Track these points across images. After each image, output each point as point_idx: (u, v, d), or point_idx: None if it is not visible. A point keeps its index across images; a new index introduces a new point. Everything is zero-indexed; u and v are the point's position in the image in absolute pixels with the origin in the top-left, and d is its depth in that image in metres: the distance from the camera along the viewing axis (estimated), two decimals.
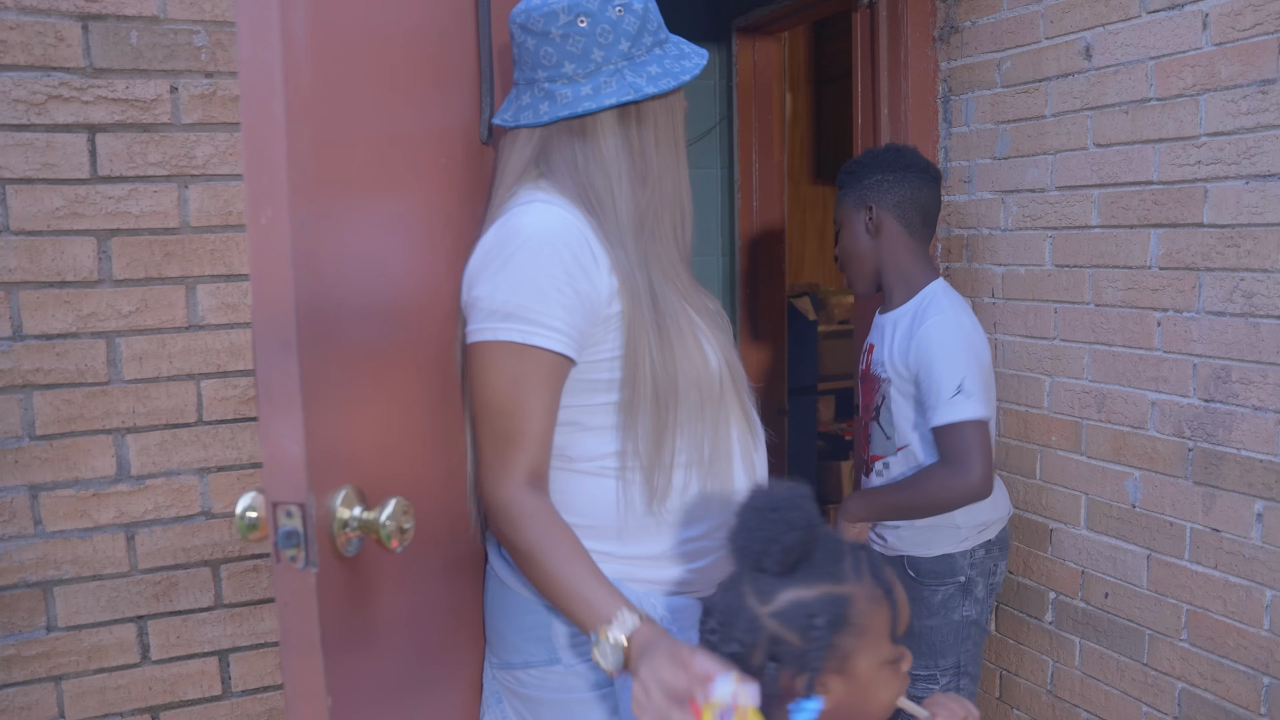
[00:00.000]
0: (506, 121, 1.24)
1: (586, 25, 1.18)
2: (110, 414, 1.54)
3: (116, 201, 1.52)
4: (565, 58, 1.19)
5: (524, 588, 1.23)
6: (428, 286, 1.21)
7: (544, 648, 1.23)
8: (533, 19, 1.19)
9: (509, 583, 1.25)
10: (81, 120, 1.49)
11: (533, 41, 1.20)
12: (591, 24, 1.18)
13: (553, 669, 1.23)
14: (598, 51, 1.19)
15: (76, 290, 1.51)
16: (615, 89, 1.19)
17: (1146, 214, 1.79)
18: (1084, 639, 1.98)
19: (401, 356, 1.13)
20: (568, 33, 1.18)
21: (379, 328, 1.09)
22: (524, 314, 1.14)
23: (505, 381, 1.15)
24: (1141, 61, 1.77)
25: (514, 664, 1.25)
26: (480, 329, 1.16)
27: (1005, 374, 2.12)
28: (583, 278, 1.16)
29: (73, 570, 1.54)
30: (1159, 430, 1.79)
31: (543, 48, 1.19)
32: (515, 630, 1.24)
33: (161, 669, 1.61)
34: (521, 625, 1.24)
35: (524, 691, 1.26)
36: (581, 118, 1.20)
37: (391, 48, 1.13)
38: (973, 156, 2.17)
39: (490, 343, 1.15)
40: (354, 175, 1.06)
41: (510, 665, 1.26)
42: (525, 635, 1.23)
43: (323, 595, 0.93)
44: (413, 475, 1.15)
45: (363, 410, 1.04)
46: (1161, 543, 1.80)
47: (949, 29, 2.20)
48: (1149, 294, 1.80)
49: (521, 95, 1.23)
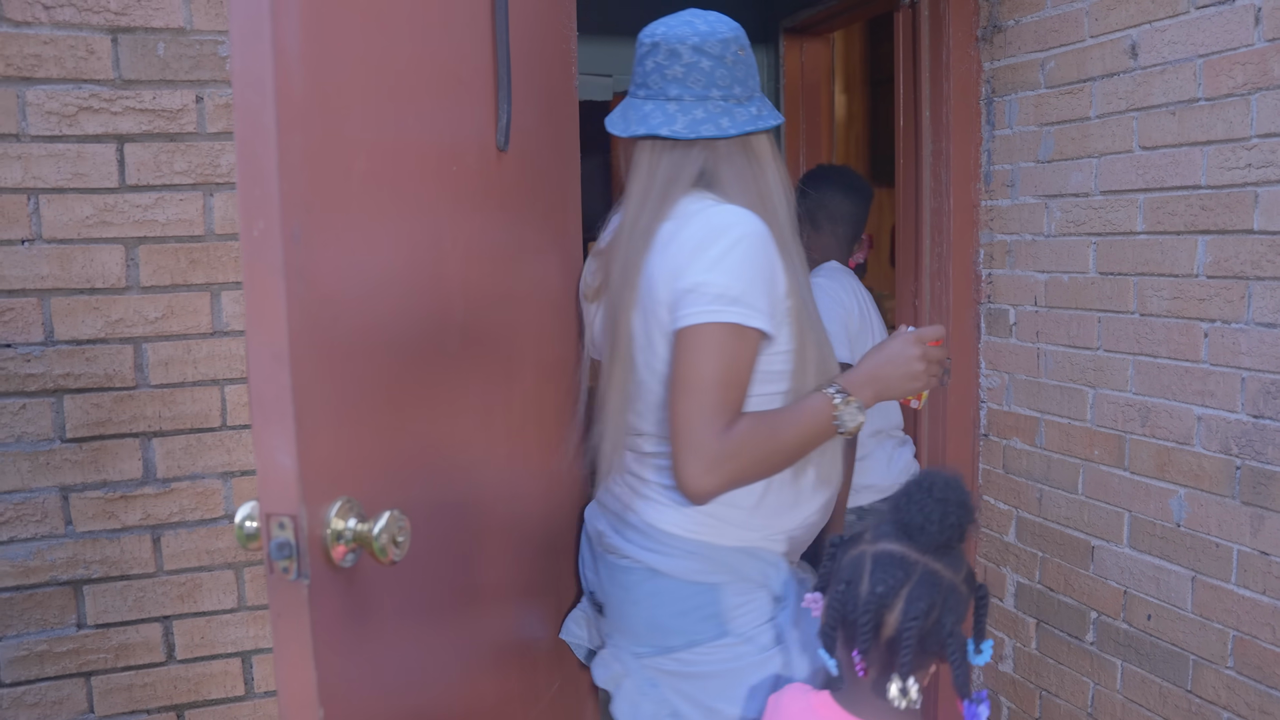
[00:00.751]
0: (680, 133, 1.35)
1: (745, 55, 1.38)
2: (137, 418, 1.58)
3: (144, 210, 1.55)
4: (735, 81, 1.37)
5: (689, 572, 1.35)
6: (435, 297, 1.20)
7: (713, 624, 1.35)
8: (709, 43, 1.35)
9: (669, 572, 1.35)
10: (111, 131, 1.53)
11: (708, 63, 1.35)
12: (748, 55, 1.39)
13: (722, 641, 1.35)
14: (752, 80, 1.40)
15: (105, 297, 1.55)
16: (770, 113, 1.40)
17: (1194, 220, 1.71)
18: (1126, 661, 1.90)
19: (406, 368, 1.13)
20: (738, 60, 1.37)
21: (380, 340, 1.08)
22: (744, 299, 1.27)
23: (728, 358, 1.27)
24: (1189, 60, 1.69)
25: (675, 647, 1.36)
26: (702, 311, 1.27)
27: (1047, 385, 2.05)
28: (775, 274, 1.32)
29: (101, 570, 1.59)
30: (1205, 447, 1.71)
31: (718, 70, 1.36)
32: (678, 615, 1.35)
33: (186, 668, 1.64)
34: (685, 609, 1.35)
35: (689, 670, 1.36)
36: (748, 135, 1.37)
37: (396, 55, 1.13)
38: (1016, 160, 2.10)
39: (714, 324, 1.26)
40: (353, 185, 1.05)
41: (671, 649, 1.36)
42: (690, 617, 1.35)
43: (315, 607, 0.93)
44: (418, 488, 1.14)
45: (362, 422, 1.03)
46: (1207, 564, 1.71)
47: (992, 28, 2.14)
48: (1196, 304, 1.71)
49: (692, 110, 1.36)
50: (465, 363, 1.28)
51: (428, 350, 1.19)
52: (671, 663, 1.37)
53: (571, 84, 1.75)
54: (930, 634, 1.10)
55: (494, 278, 1.37)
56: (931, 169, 2.22)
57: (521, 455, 1.47)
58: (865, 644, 1.11)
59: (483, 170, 1.36)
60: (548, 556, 1.57)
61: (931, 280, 2.25)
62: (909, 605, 1.10)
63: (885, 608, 1.11)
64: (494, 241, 1.38)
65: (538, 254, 1.54)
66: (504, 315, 1.41)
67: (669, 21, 1.39)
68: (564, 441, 1.63)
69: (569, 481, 1.68)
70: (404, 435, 1.13)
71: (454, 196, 1.27)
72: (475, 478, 1.33)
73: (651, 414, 1.37)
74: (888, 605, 1.11)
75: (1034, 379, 2.09)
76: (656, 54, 1.38)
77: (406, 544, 1.02)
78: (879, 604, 1.11)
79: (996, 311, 2.18)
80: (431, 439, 1.20)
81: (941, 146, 2.19)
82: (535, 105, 1.53)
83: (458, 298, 1.26)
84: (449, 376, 1.24)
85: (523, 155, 1.48)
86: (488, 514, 1.37)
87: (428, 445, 1.19)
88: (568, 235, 1.70)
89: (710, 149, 1.36)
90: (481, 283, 1.33)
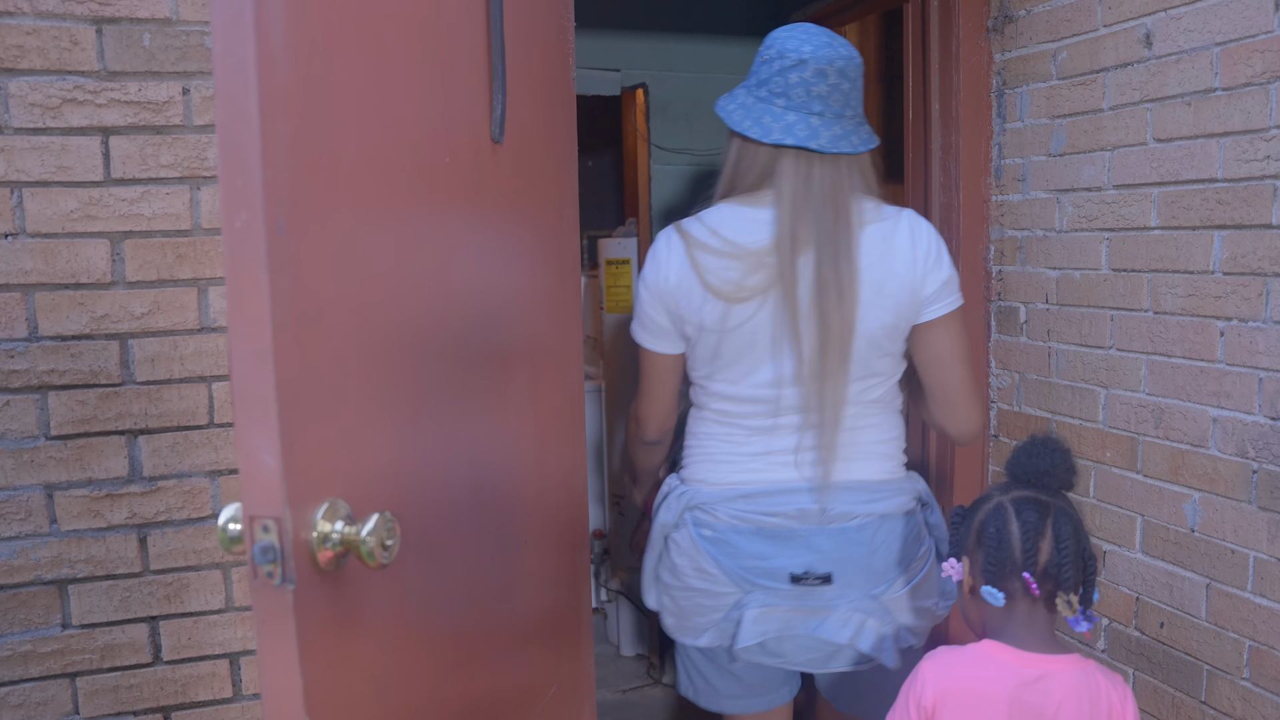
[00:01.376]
0: (826, 147, 1.52)
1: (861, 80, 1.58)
2: (123, 415, 1.55)
3: (129, 204, 1.52)
4: (860, 102, 1.58)
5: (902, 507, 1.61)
6: (425, 293, 1.17)
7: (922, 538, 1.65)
8: (852, 67, 1.54)
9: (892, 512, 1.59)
10: (95, 123, 1.49)
11: (847, 85, 1.54)
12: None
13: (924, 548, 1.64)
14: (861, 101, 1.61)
15: (90, 292, 1.52)
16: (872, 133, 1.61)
17: (1209, 214, 1.65)
18: (1138, 670, 1.85)
19: (395, 366, 1.09)
20: (859, 83, 1.57)
21: (369, 337, 1.05)
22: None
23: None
24: (1206, 48, 1.63)
25: (907, 570, 1.61)
26: (957, 299, 1.58)
27: (1058, 384, 2.00)
28: None
29: (86, 569, 1.56)
30: (1220, 449, 1.65)
31: (853, 93, 1.56)
32: (907, 542, 1.61)
33: (173, 669, 1.61)
34: (909, 536, 1.61)
35: (914, 583, 1.62)
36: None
37: (386, 42, 1.09)
38: (1027, 153, 2.05)
39: (962, 307, 1.59)
40: (341, 176, 1.02)
41: (904, 573, 1.61)
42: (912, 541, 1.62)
43: (301, 613, 0.90)
44: (408, 489, 1.11)
45: (350, 421, 1.00)
46: (1222, 571, 1.66)
47: (1003, 18, 2.08)
48: (1211, 301, 1.66)
49: (832, 126, 1.53)
50: (457, 360, 1.25)
51: (418, 348, 1.15)
52: (902, 584, 1.61)
53: (569, 76, 1.71)
54: (1077, 555, 1.31)
55: (488, 274, 1.34)
56: (941, 163, 2.17)
57: (517, 454, 1.43)
58: (1031, 568, 1.29)
59: (476, 163, 1.32)
60: (544, 556, 1.54)
61: None
62: (1058, 531, 1.30)
63: (1040, 536, 1.30)
64: (488, 236, 1.35)
65: (534, 250, 1.51)
66: (498, 313, 1.37)
67: (808, 40, 1.53)
68: (562, 441, 1.60)
69: (567, 481, 1.64)
70: (394, 435, 1.10)
71: (446, 189, 1.24)
72: (468, 478, 1.29)
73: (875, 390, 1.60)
74: (1042, 534, 1.30)
75: (1045, 379, 2.04)
76: (803, 70, 1.51)
77: (396, 547, 0.99)
78: (1035, 534, 1.30)
79: (1007, 309, 2.13)
80: (422, 438, 1.17)
81: (951, 140, 2.14)
82: (531, 97, 1.50)
83: (449, 293, 1.22)
84: (440, 374, 1.20)
85: (518, 148, 1.44)
86: (482, 514, 1.33)
87: (419, 445, 1.16)
88: (565, 231, 1.66)
89: (855, 162, 1.56)
90: (474, 279, 1.30)
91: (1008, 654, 1.31)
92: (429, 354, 1.18)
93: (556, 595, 1.61)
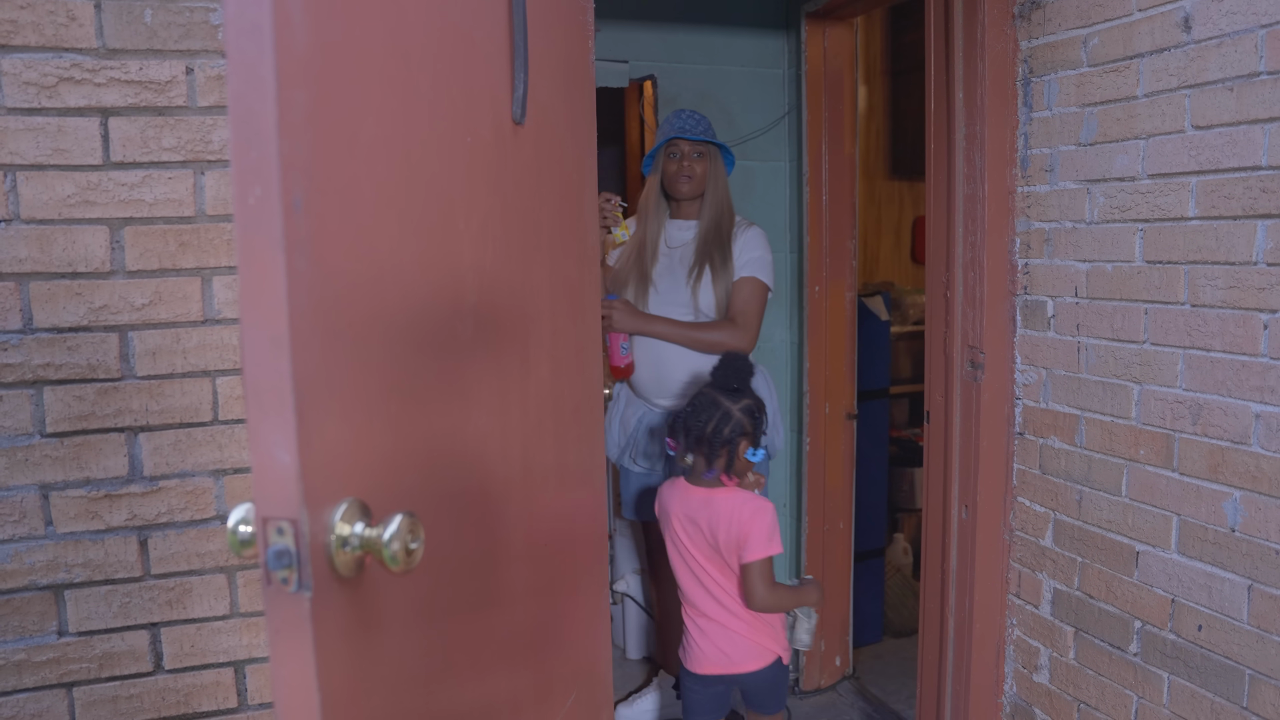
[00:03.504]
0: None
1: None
2: (123, 411, 1.47)
3: (130, 189, 1.45)
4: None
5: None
6: (447, 279, 1.10)
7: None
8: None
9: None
10: (94, 103, 1.42)
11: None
12: None
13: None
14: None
15: (88, 281, 1.45)
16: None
17: (1253, 203, 1.59)
18: (1174, 674, 1.78)
19: (417, 356, 1.03)
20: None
21: (389, 324, 0.98)
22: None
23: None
24: (1250, 31, 1.57)
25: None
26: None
27: (1088, 380, 1.94)
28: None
29: (84, 574, 1.48)
30: (1264, 446, 1.59)
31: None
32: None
33: (175, 679, 1.54)
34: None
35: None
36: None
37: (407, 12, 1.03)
38: (1055, 143, 1.99)
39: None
40: (360, 151, 0.95)
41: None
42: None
43: (319, 622, 0.83)
44: (431, 487, 1.04)
45: (371, 415, 0.93)
46: (1265, 572, 1.60)
47: (1030, 4, 2.02)
48: (1254, 293, 1.60)
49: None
50: (479, 351, 1.18)
51: (440, 336, 1.08)
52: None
53: (588, 57, 1.65)
54: (717, 433, 2.10)
55: (508, 260, 1.27)
56: (965, 154, 2.11)
57: (538, 449, 1.37)
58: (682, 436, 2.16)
59: (498, 144, 1.26)
60: (566, 558, 1.47)
61: (964, 271, 2.14)
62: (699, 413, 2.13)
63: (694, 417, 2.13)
64: (509, 221, 1.28)
65: (554, 237, 1.44)
66: (519, 301, 1.31)
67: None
68: (581, 438, 1.54)
69: (586, 480, 1.58)
70: (415, 429, 1.03)
71: (467, 170, 1.17)
72: (490, 474, 1.23)
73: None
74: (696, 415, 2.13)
75: (1074, 374, 1.97)
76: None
77: (420, 551, 0.92)
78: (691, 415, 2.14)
79: (1034, 303, 2.07)
80: (443, 433, 1.10)
81: (975, 130, 2.08)
82: (551, 77, 1.43)
83: (471, 280, 1.16)
84: (461, 365, 1.14)
85: (539, 130, 1.38)
86: (504, 513, 1.27)
87: (440, 440, 1.09)
88: (585, 217, 1.60)
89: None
90: (495, 265, 1.23)
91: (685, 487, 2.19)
92: (450, 344, 1.11)
93: (575, 599, 1.54)
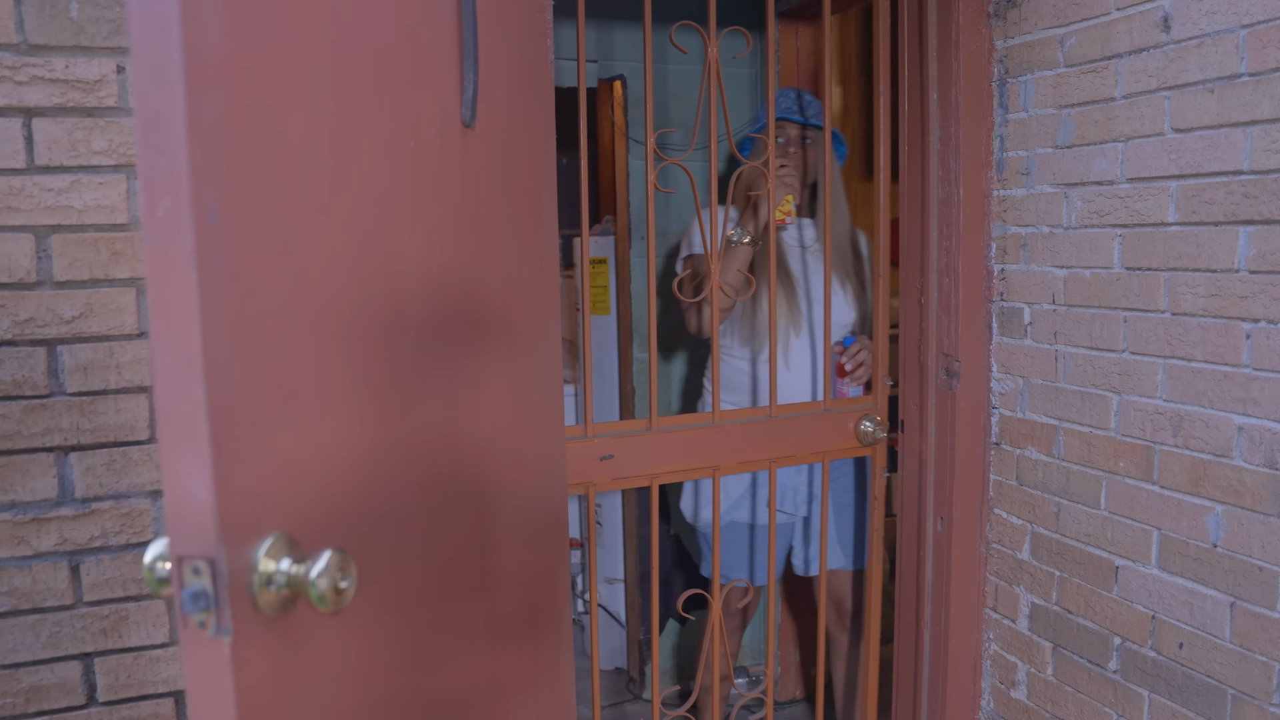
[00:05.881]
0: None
1: None
2: (52, 430, 1.39)
3: (57, 194, 1.36)
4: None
5: None
6: (388, 291, 1.03)
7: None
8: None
9: None
10: (15, 103, 1.34)
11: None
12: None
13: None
14: None
15: (13, 293, 1.36)
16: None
17: (1235, 209, 1.55)
18: (1154, 693, 1.74)
19: (356, 371, 0.96)
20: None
21: (320, 343, 0.90)
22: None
23: None
24: (1231, 31, 1.52)
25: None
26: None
27: (1066, 390, 1.89)
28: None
29: (9, 603, 1.40)
30: (1246, 460, 1.55)
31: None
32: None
33: (111, 711, 1.46)
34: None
35: None
36: None
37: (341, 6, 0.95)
38: (1032, 146, 1.94)
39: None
40: (286, 158, 0.87)
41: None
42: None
43: (240, 668, 0.76)
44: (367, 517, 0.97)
45: (299, 441, 0.86)
46: (1248, 589, 1.55)
47: (1006, 3, 1.97)
48: (1237, 301, 1.55)
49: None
50: (424, 365, 1.11)
51: (380, 352, 1.01)
52: None
53: (546, 57, 1.58)
54: None
55: (457, 268, 1.20)
56: (939, 156, 2.05)
57: (492, 468, 1.30)
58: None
59: (445, 148, 1.19)
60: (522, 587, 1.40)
61: (939, 276, 2.09)
62: None
63: None
64: (459, 228, 1.21)
65: (510, 243, 1.37)
66: (469, 311, 1.24)
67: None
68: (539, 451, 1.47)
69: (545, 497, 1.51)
70: (352, 452, 0.96)
71: (411, 176, 1.10)
72: (439, 496, 1.15)
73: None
74: None
75: (1051, 383, 1.92)
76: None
77: (352, 589, 0.85)
78: None
79: (1010, 310, 2.02)
80: (386, 454, 1.03)
81: (950, 132, 2.03)
82: (506, 78, 1.36)
83: (415, 290, 1.09)
84: (405, 381, 1.06)
85: (492, 133, 1.31)
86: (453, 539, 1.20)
87: (382, 462, 1.02)
88: (544, 223, 1.53)
89: None
90: (443, 274, 1.16)
91: None
92: (392, 360, 1.04)
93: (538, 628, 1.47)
